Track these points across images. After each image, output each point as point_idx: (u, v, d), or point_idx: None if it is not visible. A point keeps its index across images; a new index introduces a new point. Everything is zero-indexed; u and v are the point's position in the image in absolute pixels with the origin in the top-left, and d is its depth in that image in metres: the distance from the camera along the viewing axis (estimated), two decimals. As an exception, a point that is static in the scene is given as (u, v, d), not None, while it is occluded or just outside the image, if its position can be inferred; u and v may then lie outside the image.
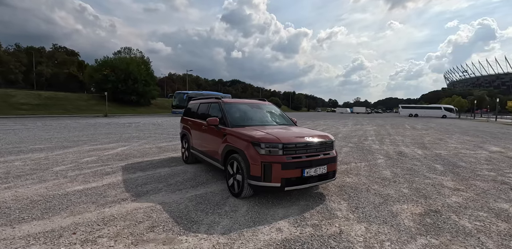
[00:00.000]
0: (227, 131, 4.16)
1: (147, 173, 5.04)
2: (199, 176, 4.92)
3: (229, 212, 3.33)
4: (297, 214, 3.33)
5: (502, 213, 3.56)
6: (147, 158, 6.51)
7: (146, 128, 14.28)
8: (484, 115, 57.61)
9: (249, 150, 3.54)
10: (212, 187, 4.29)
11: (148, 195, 3.83)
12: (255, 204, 3.60)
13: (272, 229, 2.91)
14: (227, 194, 3.98)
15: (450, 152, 8.68)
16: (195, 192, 4.02)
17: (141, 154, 7.00)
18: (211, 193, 3.99)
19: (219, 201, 3.69)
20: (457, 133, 16.30)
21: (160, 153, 7.24)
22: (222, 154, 4.18)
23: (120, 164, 5.79)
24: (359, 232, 2.88)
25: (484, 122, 33.07)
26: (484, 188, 4.70)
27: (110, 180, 4.55)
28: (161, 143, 9.10)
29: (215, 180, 4.69)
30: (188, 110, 6.40)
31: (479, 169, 6.27)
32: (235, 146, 3.82)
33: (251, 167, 3.46)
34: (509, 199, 4.12)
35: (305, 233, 2.83)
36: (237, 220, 3.10)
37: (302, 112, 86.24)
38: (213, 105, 5.11)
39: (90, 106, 34.46)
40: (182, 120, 6.50)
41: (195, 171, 5.28)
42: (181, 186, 4.32)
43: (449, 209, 3.63)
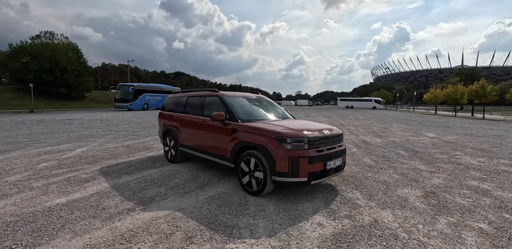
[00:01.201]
0: (238, 127, 3.89)
1: (135, 177, 4.42)
2: (199, 176, 4.54)
3: (258, 212, 3.15)
4: (324, 207, 3.35)
5: (478, 189, 4.19)
6: (121, 159, 5.72)
7: (94, 125, 12.54)
8: (404, 106, 67.23)
9: (273, 146, 3.38)
10: (221, 187, 4.00)
11: (156, 202, 3.36)
12: (278, 201, 3.49)
13: (313, 224, 2.86)
14: (241, 193, 3.76)
15: (401, 139, 9.86)
16: (207, 194, 3.69)
17: (110, 155, 6.12)
18: (224, 194, 3.72)
19: (239, 201, 3.47)
20: (393, 122, 18.64)
21: (132, 152, 6.44)
22: (232, 151, 3.91)
23: (93, 168, 4.95)
24: (390, 219, 3.04)
25: (406, 112, 38.74)
26: (449, 169, 5.47)
27: (95, 188, 3.85)
28: (125, 141, 8.11)
29: (218, 179, 4.39)
30: (170, 104, 5.80)
31: (433, 152, 7.28)
32: (253, 142, 3.61)
33: (276, 163, 3.32)
34: (473, 177, 4.88)
35: (346, 225, 2.86)
36: (273, 219, 2.96)
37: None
38: (210, 98, 4.72)
39: (5, 100, 28.56)
40: (163, 116, 5.87)
41: (190, 171, 4.85)
42: (186, 188, 3.91)
43: (440, 190, 4.11)
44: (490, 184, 4.50)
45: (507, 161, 6.35)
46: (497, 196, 3.89)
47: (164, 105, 6.07)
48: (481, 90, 27.71)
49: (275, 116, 4.66)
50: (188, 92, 5.60)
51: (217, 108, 4.69)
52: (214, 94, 4.70)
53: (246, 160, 3.70)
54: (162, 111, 6.08)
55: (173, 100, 5.77)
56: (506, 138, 10.76)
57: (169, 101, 5.95)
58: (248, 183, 3.71)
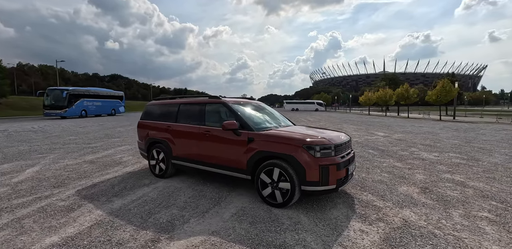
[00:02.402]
0: (255, 136, 3.68)
1: (130, 199, 3.80)
2: (204, 191, 4.13)
3: (295, 225, 3.01)
4: (352, 212, 3.40)
5: (455, 181, 4.81)
6: (95, 178, 4.86)
7: (29, 138, 10.43)
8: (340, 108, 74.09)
9: (302, 155, 3.28)
10: (238, 202, 3.72)
11: (179, 227, 2.92)
12: (306, 211, 3.40)
13: (356, 232, 2.86)
14: (263, 206, 3.55)
15: (361, 139, 10.79)
16: (229, 211, 3.38)
17: (78, 174, 5.15)
18: (247, 209, 3.46)
19: (268, 215, 3.26)
20: (342, 123, 20.36)
21: (103, 169, 5.55)
22: (248, 162, 3.68)
23: (67, 192, 4.08)
24: (415, 217, 3.24)
25: (345, 113, 42.83)
26: (419, 164, 6.17)
27: (88, 218, 3.16)
28: (84, 156, 6.94)
29: (227, 193, 4.07)
30: (154, 113, 5.18)
31: (395, 150, 8.13)
32: (276, 151, 3.45)
33: (307, 172, 3.23)
34: (443, 170, 5.59)
35: (385, 229, 2.94)
36: (316, 231, 2.87)
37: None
38: (212, 106, 4.37)
39: None
40: (145, 126, 5.21)
41: (189, 186, 4.39)
42: (200, 207, 3.51)
43: (429, 185, 4.58)
44: (459, 176, 5.20)
45: (454, 154, 7.47)
46: (473, 186, 4.51)
47: (146, 113, 5.40)
48: (405, 93, 32.36)
49: (283, 123, 4.57)
50: (174, 99, 5.10)
51: (220, 116, 4.37)
52: (217, 101, 4.36)
53: (268, 171, 3.51)
54: (142, 120, 5.39)
55: (159, 108, 5.16)
56: (438, 134, 12.69)
57: (152, 109, 5.31)
58: (270, 195, 3.52)
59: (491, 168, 5.82)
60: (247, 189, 4.24)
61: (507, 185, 4.56)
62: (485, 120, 25.22)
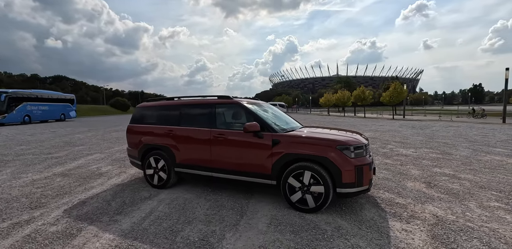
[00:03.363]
0: (280, 138, 3.44)
1: (138, 216, 3.25)
2: (220, 201, 3.74)
3: (338, 230, 2.85)
4: (381, 211, 3.36)
5: (448, 175, 5.15)
6: (79, 194, 4.12)
7: (-37, 150, 8.60)
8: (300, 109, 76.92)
9: (337, 156, 3.15)
10: (264, 210, 3.42)
11: (221, 245, 2.54)
12: (339, 214, 3.27)
13: (402, 232, 2.81)
14: (293, 212, 3.33)
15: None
16: (261, 221, 3.08)
17: (54, 191, 4.32)
18: (279, 217, 3.19)
19: (304, 223, 3.05)
20: (310, 123, 21.03)
21: (83, 183, 4.75)
22: (274, 166, 3.42)
23: (53, 213, 3.35)
24: (442, 212, 3.33)
25: (306, 114, 44.63)
26: (406, 160, 6.53)
27: (99, 244, 2.59)
28: (50, 168, 5.92)
29: (245, 200, 3.75)
30: (149, 116, 4.61)
31: (375, 148, 8.55)
32: (307, 153, 3.26)
33: (343, 174, 3.10)
34: (430, 165, 5.98)
35: (425, 226, 2.94)
36: (364, 235, 2.74)
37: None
38: (224, 107, 4.01)
39: None
40: (138, 131, 4.60)
41: (199, 195, 3.95)
42: (228, 219, 3.15)
43: (429, 179, 4.83)
44: (447, 169, 5.60)
45: (427, 150, 8.11)
46: (465, 178, 4.87)
47: (137, 116, 4.77)
48: (362, 94, 34.85)
49: (294, 124, 4.40)
50: (173, 100, 4.59)
51: (233, 118, 4.04)
52: (229, 101, 4.01)
53: (297, 174, 3.31)
54: (133, 124, 4.75)
55: (154, 111, 4.59)
56: (401, 132, 13.77)
57: (145, 112, 4.71)
58: (300, 200, 3.32)
59: (466, 161, 6.40)
60: (263, 194, 3.98)
61: (491, 176, 5.01)
62: (429, 118, 28.36)
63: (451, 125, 18.16)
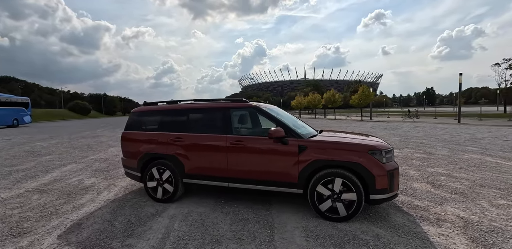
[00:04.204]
0: (308, 144, 3.25)
1: (156, 238, 2.82)
2: (239, 213, 3.43)
3: (379, 239, 2.73)
4: (409, 216, 3.33)
5: (444, 174, 5.38)
6: (70, 214, 3.52)
7: None
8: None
9: (369, 161, 3.04)
10: (291, 221, 3.20)
11: (264, 267, 2.27)
12: (369, 223, 3.16)
13: (441, 237, 2.77)
14: (323, 222, 3.15)
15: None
16: (296, 235, 2.85)
17: (36, 211, 3.66)
18: (312, 228, 2.99)
19: (341, 233, 2.88)
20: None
21: (70, 200, 4.11)
22: (301, 174, 3.22)
23: (45, 242, 2.78)
24: (464, 213, 3.38)
25: (281, 117, 45.14)
26: (399, 161, 6.75)
27: (120, 276, 2.16)
28: (21, 183, 5.07)
29: (265, 211, 3.49)
30: (149, 121, 4.16)
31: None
32: (338, 159, 3.11)
33: (376, 180, 3.00)
34: (421, 165, 6.23)
35: (458, 229, 2.95)
36: (409, 244, 2.65)
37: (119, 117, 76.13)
38: (239, 111, 3.72)
39: None
40: (136, 139, 4.12)
41: (214, 208, 3.59)
42: (259, 235, 2.86)
43: (431, 180, 4.99)
44: (439, 169, 5.87)
45: (410, 150, 8.51)
46: (461, 177, 5.11)
47: (133, 122, 4.26)
48: (332, 97, 36.26)
49: (312, 128, 4.24)
50: (176, 103, 4.18)
51: (250, 123, 3.77)
52: (246, 105, 3.73)
53: (326, 181, 3.14)
54: (129, 131, 4.23)
55: (156, 115, 4.13)
56: (376, 133, 14.42)
57: (145, 117, 4.23)
58: (330, 208, 3.15)
59: (451, 160, 6.79)
60: (283, 203, 3.75)
61: (481, 174, 5.33)
62: (393, 119, 30.39)
63: (417, 126, 19.52)
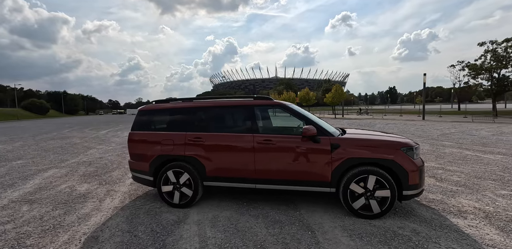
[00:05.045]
0: (340, 142, 3.20)
1: (193, 247, 2.58)
2: (269, 216, 3.29)
3: (418, 234, 2.78)
4: (433, 210, 3.45)
5: (438, 167, 5.72)
6: (80, 227, 3.11)
7: None
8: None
9: (402, 158, 3.08)
10: (326, 221, 3.14)
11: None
12: (401, 218, 3.22)
13: (473, 229, 2.90)
14: (359, 220, 3.13)
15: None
16: (339, 235, 2.79)
17: (35, 225, 3.17)
18: (350, 227, 2.96)
19: (380, 230, 2.89)
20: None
21: (70, 210, 3.65)
22: (334, 173, 3.17)
23: (63, 260, 2.41)
24: (478, 204, 3.59)
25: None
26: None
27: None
28: (2, 192, 4.41)
29: (295, 212, 3.40)
30: (164, 121, 3.82)
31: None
32: (372, 157, 3.11)
33: (410, 176, 3.05)
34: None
35: (482, 220, 3.11)
36: (449, 237, 2.73)
37: (82, 117, 70.98)
38: (263, 109, 3.56)
39: None
40: (151, 141, 3.75)
41: (240, 211, 3.41)
42: (303, 238, 2.75)
43: (432, 173, 5.26)
44: (431, 163, 6.23)
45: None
46: (455, 170, 5.47)
47: (143, 121, 3.88)
48: (306, 95, 37.15)
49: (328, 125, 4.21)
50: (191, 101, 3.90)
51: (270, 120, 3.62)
52: (271, 102, 3.58)
53: (359, 179, 3.13)
54: (138, 131, 3.85)
55: (170, 114, 3.80)
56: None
57: (156, 116, 3.88)
58: (364, 206, 3.15)
59: (436, 154, 7.25)
60: (307, 203, 3.69)
61: (470, 166, 5.75)
62: (363, 117, 32.04)
63: (389, 123, 20.73)
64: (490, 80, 28.31)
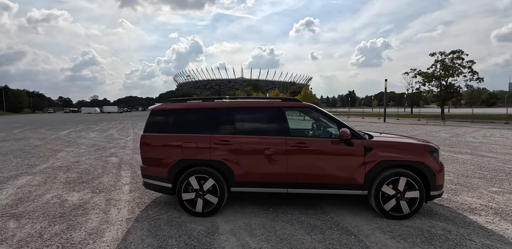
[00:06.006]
0: (373, 145, 3.24)
1: (241, 260, 2.38)
2: (303, 221, 3.19)
3: (449, 233, 2.92)
4: (447, 208, 3.67)
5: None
6: (94, 245, 2.69)
7: None
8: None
9: (430, 160, 3.23)
10: (362, 225, 3.14)
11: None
12: (426, 218, 3.36)
13: (493, 225, 3.13)
14: (391, 221, 3.20)
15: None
16: (381, 237, 2.81)
17: (35, 245, 2.67)
18: (388, 228, 3.00)
19: (418, 230, 2.98)
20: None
21: (75, 225, 3.15)
22: (368, 175, 3.20)
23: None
24: (480, 201, 3.91)
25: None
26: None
27: None
28: (-34, 208, 3.64)
29: (327, 216, 3.35)
30: (183, 122, 3.49)
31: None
32: (404, 159, 3.21)
33: (437, 177, 3.21)
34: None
35: (496, 217, 3.38)
36: (480, 234, 2.90)
37: (29, 115, 63.57)
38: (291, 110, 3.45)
39: None
40: (169, 144, 3.41)
41: (270, 218, 3.26)
42: (352, 243, 2.70)
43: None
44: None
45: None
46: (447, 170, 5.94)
47: (160, 123, 3.50)
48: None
49: None
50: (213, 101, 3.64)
51: (299, 123, 3.53)
52: (301, 104, 3.49)
53: (390, 182, 3.20)
54: (154, 133, 3.47)
55: (189, 115, 3.48)
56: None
57: (173, 116, 3.52)
58: (394, 207, 3.23)
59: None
60: (333, 206, 3.68)
61: (452, 166, 6.29)
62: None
63: (357, 125, 21.94)
64: (439, 87, 31.73)
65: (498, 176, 5.28)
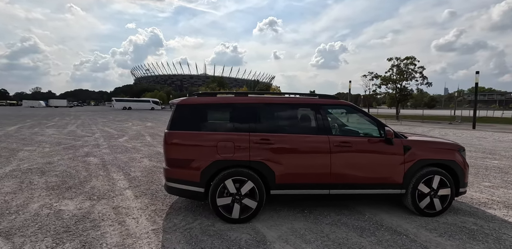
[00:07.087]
0: (411, 144, 3.26)
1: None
2: (347, 224, 3.07)
3: (484, 227, 3.08)
4: (464, 204, 3.89)
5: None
6: (129, 263, 2.24)
7: None
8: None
9: (459, 158, 3.38)
10: (402, 223, 3.14)
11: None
12: (455, 215, 3.51)
13: (509, 217, 3.39)
14: (425, 219, 3.26)
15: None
16: (428, 235, 2.82)
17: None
18: (428, 226, 3.04)
19: (454, 227, 3.06)
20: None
21: (87, 242, 2.61)
22: (406, 174, 3.21)
23: None
24: (485, 196, 4.24)
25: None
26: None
27: None
28: None
29: (365, 216, 3.29)
30: (218, 118, 3.13)
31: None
32: (439, 158, 3.30)
33: (465, 174, 3.36)
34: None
35: (504, 208, 3.67)
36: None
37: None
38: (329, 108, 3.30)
39: None
40: (206, 145, 3.01)
41: (312, 221, 3.08)
42: (410, 244, 2.66)
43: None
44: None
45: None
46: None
47: (189, 119, 3.06)
48: (246, 95, 37.62)
49: None
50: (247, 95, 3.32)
51: (342, 122, 3.42)
52: (339, 102, 3.39)
53: (426, 180, 3.27)
54: (183, 131, 3.03)
55: (222, 110, 3.13)
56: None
57: (203, 111, 3.11)
58: (428, 205, 3.30)
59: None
60: (364, 205, 3.65)
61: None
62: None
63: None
64: (395, 90, 34.63)
65: (480, 172, 5.81)
